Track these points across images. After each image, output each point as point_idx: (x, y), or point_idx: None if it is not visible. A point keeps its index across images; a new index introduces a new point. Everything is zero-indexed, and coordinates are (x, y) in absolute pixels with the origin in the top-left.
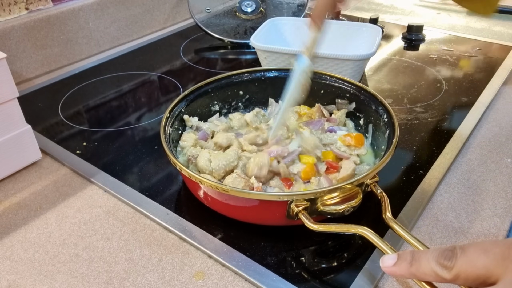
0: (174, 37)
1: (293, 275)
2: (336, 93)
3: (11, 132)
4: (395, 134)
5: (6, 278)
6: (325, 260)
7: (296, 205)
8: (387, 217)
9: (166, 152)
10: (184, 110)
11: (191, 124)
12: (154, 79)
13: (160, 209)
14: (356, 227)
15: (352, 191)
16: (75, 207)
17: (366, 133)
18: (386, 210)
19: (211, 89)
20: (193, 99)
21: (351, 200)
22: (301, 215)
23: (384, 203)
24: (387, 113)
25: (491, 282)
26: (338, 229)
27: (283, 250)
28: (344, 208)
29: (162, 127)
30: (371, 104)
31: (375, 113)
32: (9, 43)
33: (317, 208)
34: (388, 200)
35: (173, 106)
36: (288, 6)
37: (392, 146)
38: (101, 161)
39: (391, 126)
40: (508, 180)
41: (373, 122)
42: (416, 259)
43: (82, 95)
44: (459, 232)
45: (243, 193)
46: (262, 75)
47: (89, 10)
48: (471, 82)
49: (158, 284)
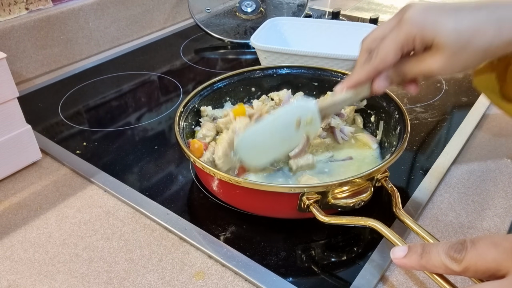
0: (174, 37)
1: (293, 275)
2: None
3: (11, 132)
4: (407, 130)
5: (6, 278)
6: (326, 260)
7: (307, 198)
8: (397, 211)
9: (179, 144)
10: (197, 105)
11: (206, 114)
12: (154, 79)
13: (160, 209)
14: (366, 220)
15: (362, 185)
16: (75, 207)
17: (377, 129)
18: (396, 204)
19: (223, 85)
20: (206, 95)
21: (362, 194)
22: (312, 207)
23: (395, 197)
24: (399, 110)
25: (501, 275)
26: (349, 222)
27: (283, 250)
28: (354, 202)
29: (176, 121)
30: (382, 101)
31: (386, 110)
32: (9, 43)
33: (328, 201)
34: (398, 195)
35: (188, 101)
36: (288, 6)
37: (403, 142)
38: (101, 161)
39: (402, 122)
40: (508, 180)
41: (384, 119)
42: (427, 251)
43: (82, 95)
44: (459, 232)
45: (256, 185)
46: (274, 72)
47: (89, 10)
48: (471, 82)
49: (158, 284)
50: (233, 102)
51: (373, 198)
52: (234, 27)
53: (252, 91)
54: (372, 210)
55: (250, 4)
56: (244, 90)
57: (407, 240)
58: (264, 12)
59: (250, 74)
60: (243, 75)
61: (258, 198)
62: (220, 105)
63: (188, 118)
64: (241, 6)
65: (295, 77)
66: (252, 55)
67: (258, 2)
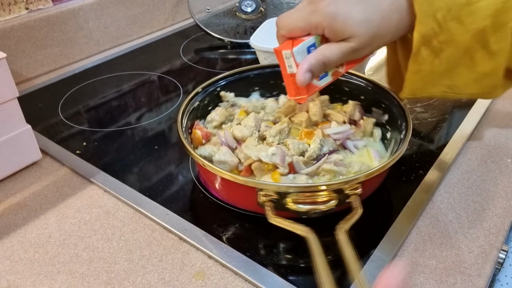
0: (174, 37)
1: (293, 275)
2: (374, 101)
3: (11, 132)
4: (401, 148)
5: (6, 278)
6: (326, 260)
7: (264, 195)
8: (339, 230)
9: (178, 133)
10: (220, 89)
11: (227, 99)
12: (154, 79)
13: (160, 209)
14: (302, 229)
15: (326, 195)
16: (75, 207)
17: (389, 147)
18: (346, 222)
19: (253, 75)
20: (233, 81)
21: (321, 205)
22: (266, 205)
23: (351, 217)
24: (406, 130)
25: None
26: (287, 226)
27: (283, 250)
28: (307, 210)
29: (179, 115)
30: (398, 118)
31: (398, 129)
32: (9, 43)
33: (285, 203)
34: (355, 218)
35: (209, 84)
36: (288, 6)
37: (393, 158)
38: (101, 161)
39: (402, 142)
40: (508, 180)
41: (395, 137)
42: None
43: (82, 95)
44: (459, 232)
45: (216, 170)
46: None
47: (89, 10)
48: None
49: (158, 284)
50: (261, 93)
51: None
52: (234, 27)
53: (283, 85)
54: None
55: (250, 4)
56: (275, 83)
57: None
58: (264, 12)
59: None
60: (275, 68)
61: (227, 186)
62: (246, 94)
63: (206, 99)
64: (241, 6)
65: None
66: (252, 55)
67: (258, 2)
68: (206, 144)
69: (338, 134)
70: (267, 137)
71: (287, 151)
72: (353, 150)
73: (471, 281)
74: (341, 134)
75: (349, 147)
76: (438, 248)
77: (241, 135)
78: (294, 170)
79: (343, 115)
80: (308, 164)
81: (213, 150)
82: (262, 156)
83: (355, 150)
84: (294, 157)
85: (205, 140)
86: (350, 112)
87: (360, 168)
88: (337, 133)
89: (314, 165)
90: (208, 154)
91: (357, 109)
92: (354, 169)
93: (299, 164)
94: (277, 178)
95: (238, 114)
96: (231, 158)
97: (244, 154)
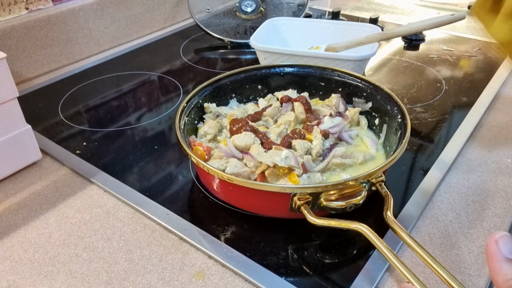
0: (174, 37)
1: (293, 275)
2: (353, 91)
3: (11, 132)
4: (406, 135)
5: (6, 278)
6: (326, 261)
7: (299, 199)
8: (387, 216)
9: (179, 140)
10: (201, 101)
11: (210, 111)
12: (154, 79)
13: (160, 209)
14: (355, 224)
15: (356, 188)
16: (75, 207)
17: (380, 132)
18: (387, 209)
19: (229, 82)
20: (212, 91)
21: (354, 198)
22: (304, 208)
23: (387, 202)
24: (401, 114)
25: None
26: (338, 224)
27: (283, 250)
28: (345, 205)
29: (177, 117)
30: (387, 104)
31: (390, 114)
32: (9, 43)
33: (320, 203)
34: (391, 200)
35: (191, 97)
36: (288, 6)
37: (402, 147)
38: (101, 161)
39: (403, 127)
40: (508, 180)
41: (387, 122)
42: None
43: (82, 95)
44: (459, 232)
45: (247, 183)
46: (281, 70)
47: (89, 10)
48: (471, 82)
49: (158, 284)
50: (239, 99)
51: (372, 203)
52: (234, 27)
53: (259, 88)
54: (369, 214)
55: (250, 4)
56: (250, 87)
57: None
58: (264, 12)
59: (256, 71)
60: (250, 72)
61: (253, 196)
62: (225, 102)
63: (191, 114)
64: (241, 6)
65: (302, 76)
66: (252, 55)
67: (258, 2)
68: (211, 160)
69: (335, 127)
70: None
71: (294, 152)
72: (349, 140)
73: (471, 281)
74: (337, 127)
75: (345, 139)
76: (438, 248)
77: (244, 144)
78: (305, 169)
79: (329, 109)
80: (315, 161)
81: (221, 164)
82: (277, 161)
83: (350, 141)
84: (304, 157)
85: (207, 155)
86: (335, 105)
87: (364, 157)
88: (333, 127)
89: (324, 161)
90: (217, 169)
91: (341, 101)
92: (359, 159)
93: (310, 163)
94: (296, 180)
95: (228, 123)
96: (243, 169)
97: (254, 163)
